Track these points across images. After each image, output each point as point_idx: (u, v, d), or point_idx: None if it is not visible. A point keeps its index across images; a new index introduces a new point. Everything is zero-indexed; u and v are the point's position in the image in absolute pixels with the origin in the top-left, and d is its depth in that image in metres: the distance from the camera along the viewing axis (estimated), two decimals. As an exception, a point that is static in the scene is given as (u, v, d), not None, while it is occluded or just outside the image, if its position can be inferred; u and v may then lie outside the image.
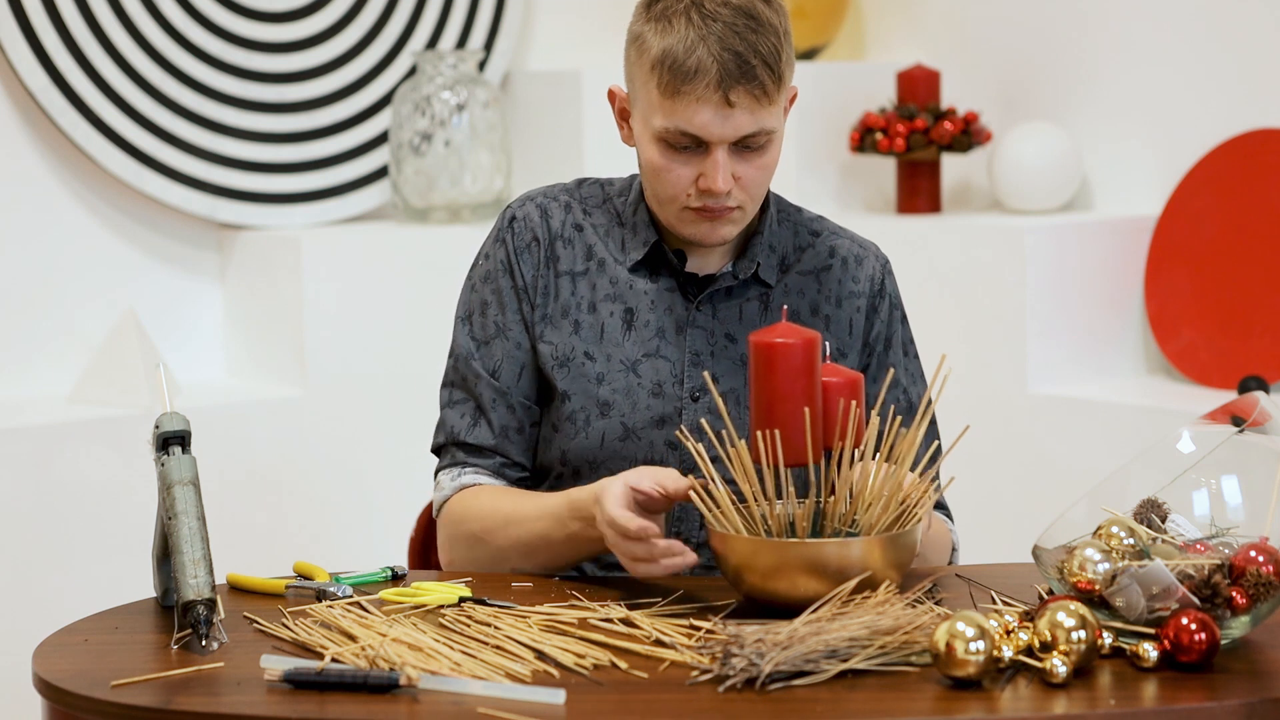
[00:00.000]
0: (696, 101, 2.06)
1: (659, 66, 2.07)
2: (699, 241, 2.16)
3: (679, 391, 2.18)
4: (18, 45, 3.42)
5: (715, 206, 2.11)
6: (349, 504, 3.58)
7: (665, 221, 2.17)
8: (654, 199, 2.16)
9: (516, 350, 2.21)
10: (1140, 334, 3.66)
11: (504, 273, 2.23)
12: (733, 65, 2.05)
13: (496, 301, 2.22)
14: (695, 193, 2.11)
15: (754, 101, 2.06)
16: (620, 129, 2.19)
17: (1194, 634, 1.72)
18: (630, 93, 2.15)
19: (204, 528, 1.90)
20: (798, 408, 1.94)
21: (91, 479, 3.31)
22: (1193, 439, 1.90)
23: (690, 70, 2.05)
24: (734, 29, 2.05)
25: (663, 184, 2.12)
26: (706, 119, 2.07)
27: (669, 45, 2.07)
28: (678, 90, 2.06)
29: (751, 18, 2.06)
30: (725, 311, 2.20)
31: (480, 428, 2.21)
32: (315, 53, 3.74)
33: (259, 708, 1.69)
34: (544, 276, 2.22)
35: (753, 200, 2.14)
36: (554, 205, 2.25)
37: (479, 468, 2.21)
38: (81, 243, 3.55)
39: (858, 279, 2.24)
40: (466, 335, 2.24)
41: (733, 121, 2.07)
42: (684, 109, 2.07)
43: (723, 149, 2.08)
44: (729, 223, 2.14)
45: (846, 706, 1.66)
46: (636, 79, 2.12)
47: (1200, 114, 3.59)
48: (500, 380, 2.21)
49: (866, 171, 4.00)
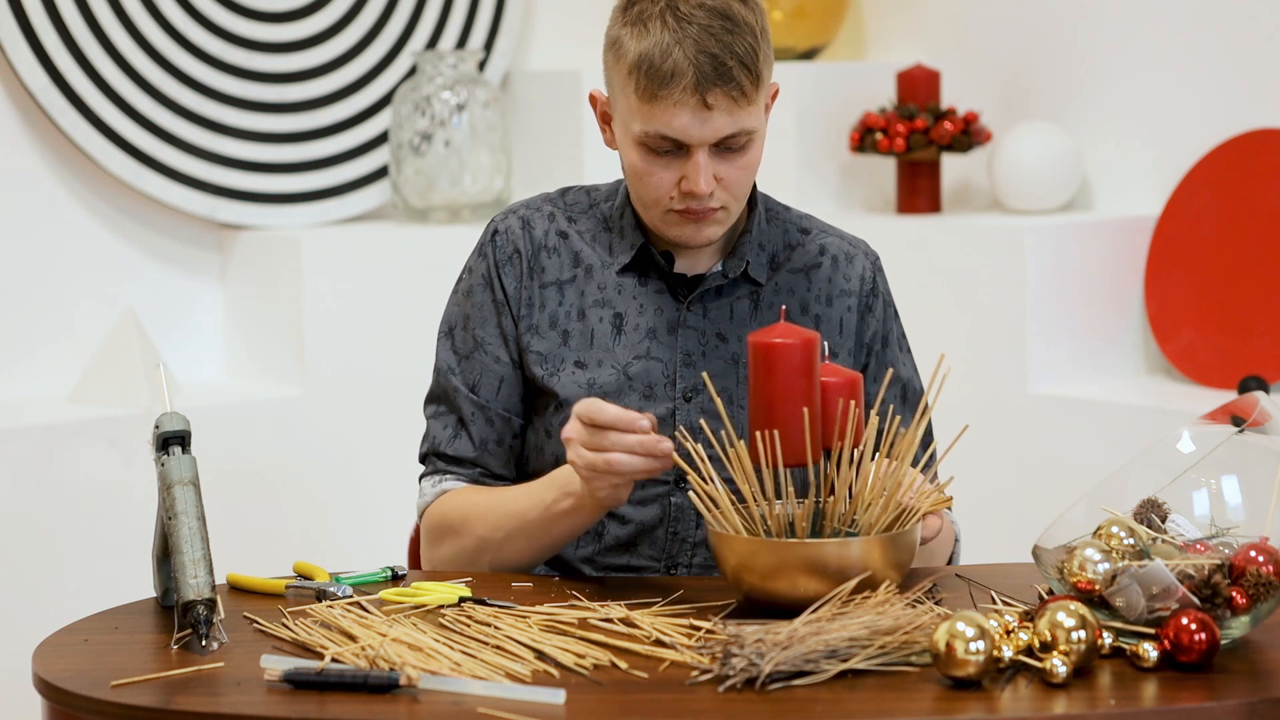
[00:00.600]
0: (674, 105, 2.05)
1: (636, 71, 2.07)
2: (685, 243, 2.15)
3: (671, 392, 2.18)
4: (18, 45, 3.42)
5: (699, 208, 2.11)
6: (349, 504, 3.58)
7: (650, 224, 2.17)
8: (638, 202, 2.16)
9: (495, 365, 2.21)
10: (1140, 334, 3.66)
11: (484, 286, 2.23)
12: (709, 68, 2.04)
13: (477, 315, 2.23)
14: (678, 195, 2.11)
15: (732, 103, 2.06)
16: (603, 133, 2.19)
17: (1194, 634, 1.72)
18: (610, 97, 2.15)
19: (204, 528, 1.90)
20: (797, 408, 1.94)
21: (91, 479, 3.31)
22: (1193, 439, 1.90)
23: (667, 74, 2.05)
24: (709, 31, 2.05)
25: (645, 187, 2.12)
26: (685, 122, 2.06)
27: (645, 49, 2.06)
28: (655, 95, 2.06)
29: (727, 18, 2.06)
30: (716, 311, 2.20)
31: (461, 440, 2.22)
32: (315, 53, 3.75)
33: (259, 708, 1.69)
34: (528, 288, 2.21)
35: (736, 200, 2.13)
36: (537, 216, 2.25)
37: (460, 476, 2.22)
38: (81, 243, 3.55)
39: (849, 277, 2.24)
40: (448, 349, 2.24)
41: (711, 124, 2.06)
42: (662, 113, 2.06)
43: (703, 151, 2.08)
44: (714, 223, 2.14)
45: (846, 706, 1.66)
46: (615, 83, 2.12)
47: (1200, 114, 3.59)
48: (479, 394, 2.21)
49: (866, 171, 4.00)
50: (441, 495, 2.21)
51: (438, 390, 2.25)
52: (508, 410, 2.21)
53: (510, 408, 2.22)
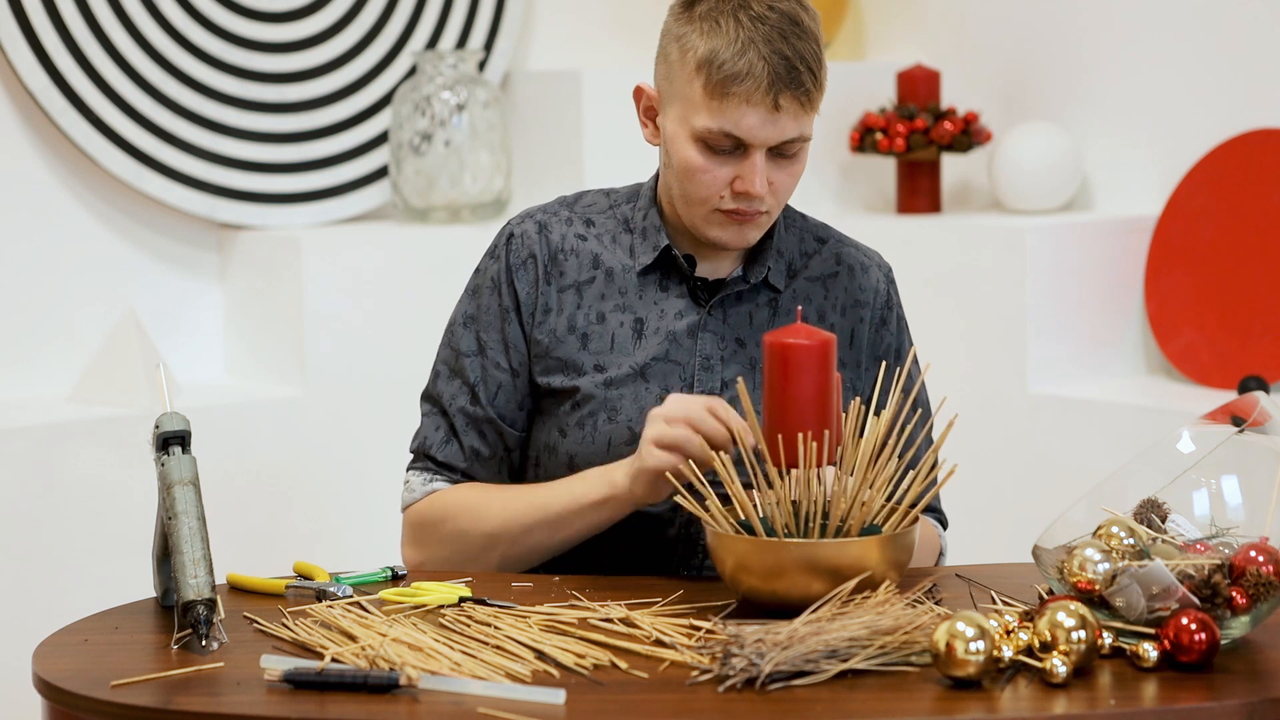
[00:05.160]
0: (745, 103, 2.06)
1: (706, 66, 2.07)
2: (724, 245, 2.15)
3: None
4: (18, 45, 3.42)
5: (747, 210, 2.11)
6: (349, 504, 3.58)
7: (690, 223, 2.16)
8: (683, 199, 2.15)
9: (495, 370, 2.21)
10: (1140, 334, 3.66)
11: (493, 289, 2.22)
12: (782, 69, 2.05)
13: (483, 318, 2.22)
14: (729, 195, 2.11)
15: (799, 107, 2.07)
16: (644, 127, 2.19)
17: (1194, 634, 1.72)
18: (664, 92, 2.14)
19: (204, 528, 1.90)
20: (812, 409, 1.93)
21: (91, 479, 3.31)
22: (1193, 439, 1.90)
23: (741, 72, 2.05)
24: (781, 33, 2.05)
25: (697, 185, 2.12)
26: (754, 122, 2.06)
27: (717, 46, 2.06)
28: (726, 91, 2.06)
29: (796, 23, 2.07)
30: (735, 316, 2.20)
31: (451, 447, 2.22)
32: (315, 53, 3.74)
33: (259, 708, 1.69)
34: (544, 294, 2.21)
35: (779, 206, 2.14)
36: (554, 220, 2.24)
37: (449, 479, 2.22)
38: (81, 243, 3.55)
39: (864, 288, 2.24)
40: (448, 347, 2.24)
41: (778, 126, 2.07)
42: (732, 110, 2.06)
43: (761, 153, 2.08)
44: (756, 226, 2.14)
45: (846, 706, 1.66)
46: (678, 78, 2.11)
47: (1200, 114, 3.59)
48: (474, 400, 2.20)
49: (866, 171, 4.00)
50: (433, 494, 2.20)
51: (433, 391, 2.25)
52: (502, 416, 2.21)
53: (506, 414, 2.21)
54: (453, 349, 2.23)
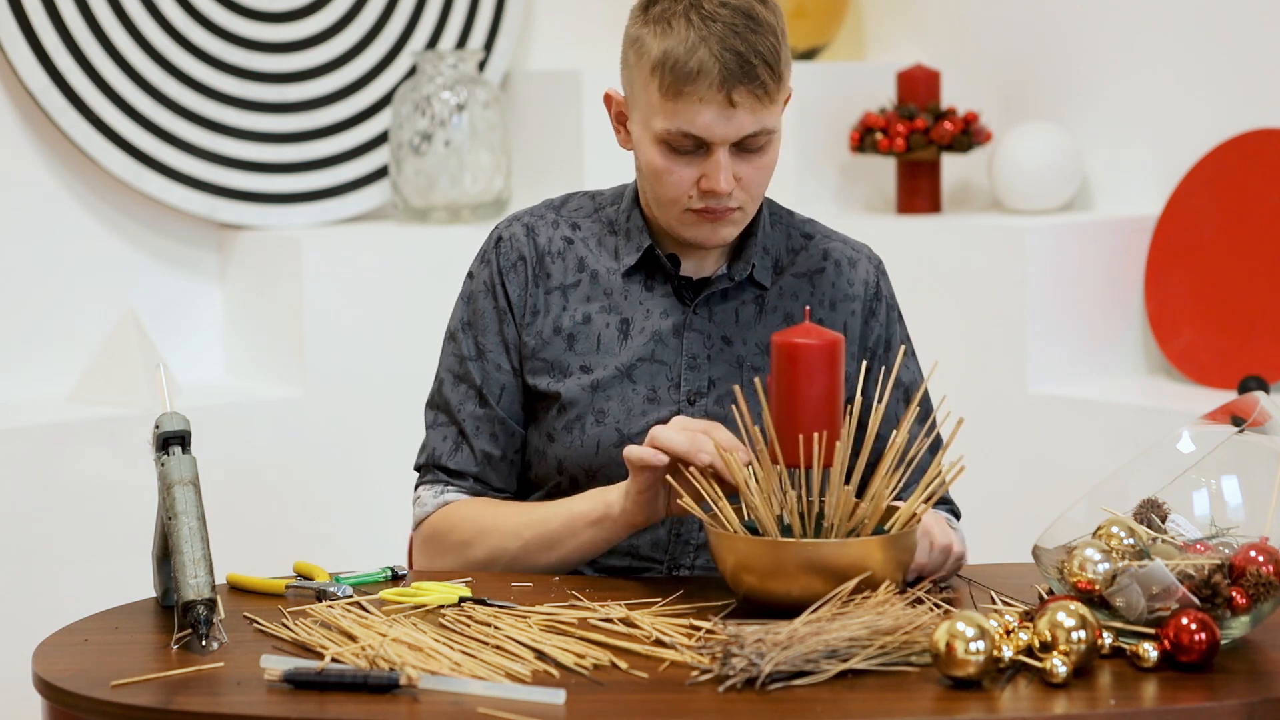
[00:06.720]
0: (699, 102, 2.06)
1: (660, 68, 2.07)
2: (700, 243, 2.15)
3: (675, 395, 2.17)
4: (18, 45, 3.42)
5: (717, 208, 2.11)
6: (349, 504, 3.58)
7: (665, 224, 2.17)
8: (655, 202, 2.15)
9: (497, 372, 2.21)
10: (1140, 334, 3.66)
11: (486, 293, 2.22)
12: (734, 65, 2.04)
13: (480, 322, 2.22)
14: (697, 194, 2.11)
15: (755, 101, 2.06)
16: (617, 133, 2.19)
17: (1194, 634, 1.72)
18: (628, 96, 2.15)
19: (204, 528, 1.90)
20: (820, 409, 1.93)
21: (91, 479, 3.31)
22: (1193, 439, 1.90)
23: (692, 71, 2.05)
24: (734, 29, 2.05)
25: (664, 186, 2.12)
26: (709, 119, 2.06)
27: (669, 47, 2.06)
28: (680, 91, 2.06)
29: (750, 18, 2.06)
30: (721, 314, 2.20)
31: (462, 453, 2.22)
32: (315, 53, 3.75)
33: (259, 708, 1.69)
34: (533, 295, 2.21)
35: (753, 200, 2.14)
36: (541, 223, 2.24)
37: (461, 488, 2.22)
38: (81, 243, 3.55)
39: (852, 282, 2.24)
40: (450, 355, 2.24)
41: (735, 121, 2.07)
42: (686, 110, 2.07)
43: (724, 149, 2.08)
44: (730, 224, 2.14)
45: (846, 706, 1.66)
46: (636, 82, 2.12)
47: (1200, 114, 3.59)
48: (482, 403, 2.21)
49: (866, 171, 4.00)
50: (445, 506, 2.20)
51: (439, 400, 2.25)
52: (509, 417, 2.21)
53: (513, 415, 2.22)
54: (455, 355, 2.24)
